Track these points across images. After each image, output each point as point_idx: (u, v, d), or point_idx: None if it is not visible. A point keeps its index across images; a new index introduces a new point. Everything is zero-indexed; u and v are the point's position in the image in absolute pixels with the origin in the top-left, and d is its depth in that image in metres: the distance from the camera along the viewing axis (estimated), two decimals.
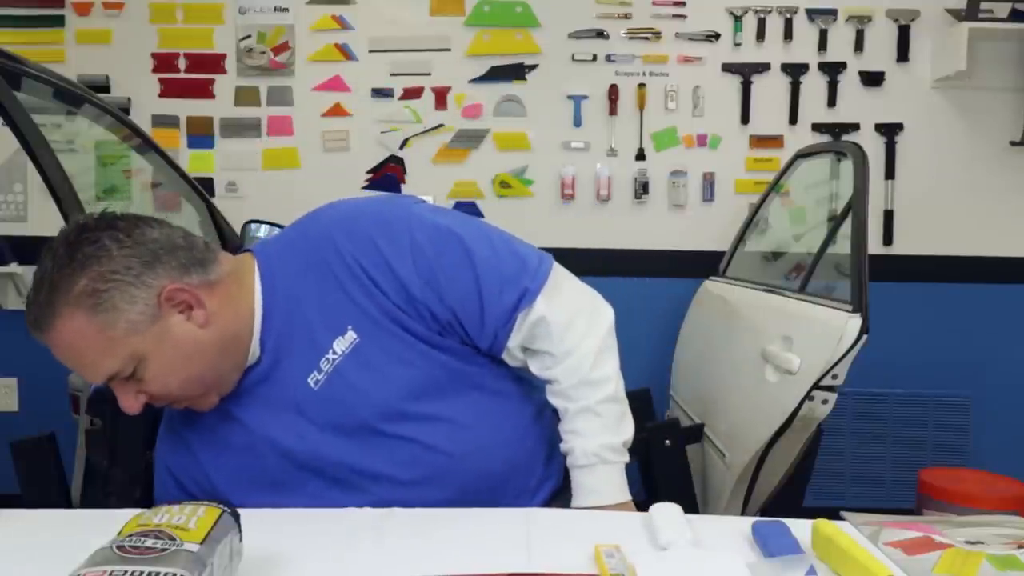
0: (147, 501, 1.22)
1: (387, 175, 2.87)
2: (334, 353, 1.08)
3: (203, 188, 2.22)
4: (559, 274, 1.15)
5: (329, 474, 1.09)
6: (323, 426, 1.09)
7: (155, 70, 2.86)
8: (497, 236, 1.15)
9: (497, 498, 1.12)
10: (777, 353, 1.70)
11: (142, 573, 0.64)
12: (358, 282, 1.08)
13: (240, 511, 0.79)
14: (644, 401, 2.22)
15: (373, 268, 1.07)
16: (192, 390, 1.06)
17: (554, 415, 1.19)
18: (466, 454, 1.10)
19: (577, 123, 2.85)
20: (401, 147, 2.86)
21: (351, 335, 1.08)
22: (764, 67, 2.84)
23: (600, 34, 2.84)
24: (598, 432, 1.12)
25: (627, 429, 1.15)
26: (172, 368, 1.03)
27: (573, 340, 1.12)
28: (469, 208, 2.81)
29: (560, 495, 1.20)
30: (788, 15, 2.83)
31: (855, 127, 2.83)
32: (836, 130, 2.83)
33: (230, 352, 1.08)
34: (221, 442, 1.12)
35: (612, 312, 1.18)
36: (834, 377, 1.57)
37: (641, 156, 2.85)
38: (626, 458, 1.14)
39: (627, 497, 1.13)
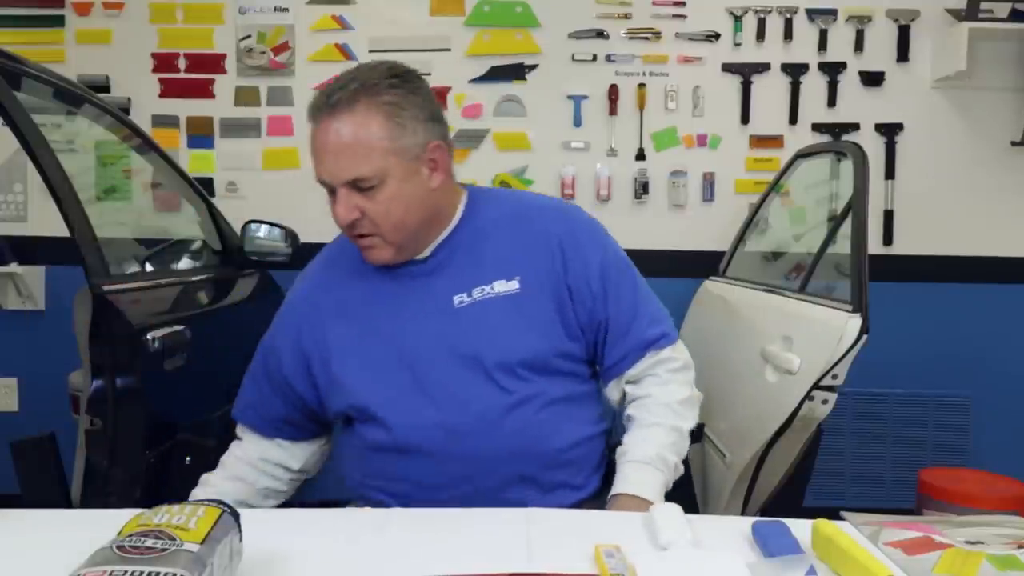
0: (147, 501, 1.22)
1: None
2: (492, 289, 1.22)
3: (203, 188, 2.22)
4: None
5: (420, 378, 1.20)
6: (442, 342, 1.20)
7: (155, 70, 2.86)
8: (649, 287, 1.35)
9: (540, 481, 1.19)
10: (777, 353, 1.70)
11: (142, 573, 0.64)
12: (550, 254, 1.24)
13: (240, 511, 0.79)
14: None
15: (570, 250, 1.25)
16: (394, 231, 1.18)
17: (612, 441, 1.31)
18: (540, 423, 1.20)
19: (577, 123, 2.85)
20: None
21: (515, 284, 1.22)
22: (764, 67, 2.83)
23: (600, 34, 2.84)
24: (661, 445, 1.23)
25: (680, 464, 1.26)
26: (399, 204, 1.17)
27: (678, 380, 1.31)
28: None
29: (589, 501, 1.24)
30: (788, 15, 2.82)
31: (855, 127, 2.83)
32: (836, 130, 2.83)
33: (427, 227, 1.23)
34: (349, 313, 1.25)
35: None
36: (834, 377, 1.57)
37: (641, 156, 2.85)
38: (669, 483, 1.23)
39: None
